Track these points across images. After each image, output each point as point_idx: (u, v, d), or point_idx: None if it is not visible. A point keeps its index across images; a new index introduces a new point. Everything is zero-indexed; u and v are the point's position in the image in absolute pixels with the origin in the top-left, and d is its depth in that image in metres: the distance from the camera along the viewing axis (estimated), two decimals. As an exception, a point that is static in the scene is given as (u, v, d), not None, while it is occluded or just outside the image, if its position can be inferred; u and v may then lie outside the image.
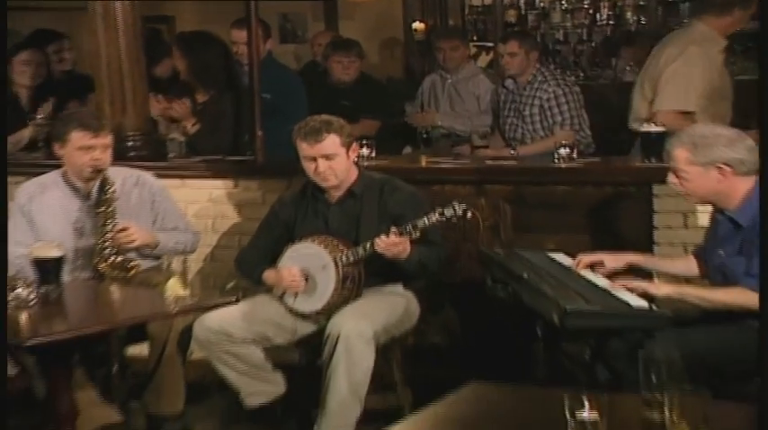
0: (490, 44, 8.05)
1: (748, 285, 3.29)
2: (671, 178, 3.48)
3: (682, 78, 4.83)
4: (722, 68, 4.93)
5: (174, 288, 3.66)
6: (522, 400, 2.73)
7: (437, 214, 3.81)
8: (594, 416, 2.28)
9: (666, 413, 2.26)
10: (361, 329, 3.79)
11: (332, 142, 3.98)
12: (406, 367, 4.10)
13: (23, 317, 3.41)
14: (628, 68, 7.87)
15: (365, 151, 4.63)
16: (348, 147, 4.03)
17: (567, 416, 2.30)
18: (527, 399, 2.72)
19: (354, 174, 4.12)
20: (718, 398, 2.34)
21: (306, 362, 4.21)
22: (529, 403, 2.70)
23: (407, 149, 6.24)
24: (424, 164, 5.02)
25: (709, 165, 3.35)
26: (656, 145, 4.29)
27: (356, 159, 4.19)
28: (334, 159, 3.99)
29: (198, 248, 4.61)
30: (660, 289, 3.45)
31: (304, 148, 4.00)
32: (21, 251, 4.03)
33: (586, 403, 2.30)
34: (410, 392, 4.04)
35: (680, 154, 3.41)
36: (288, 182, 4.52)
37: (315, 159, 3.98)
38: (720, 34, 4.90)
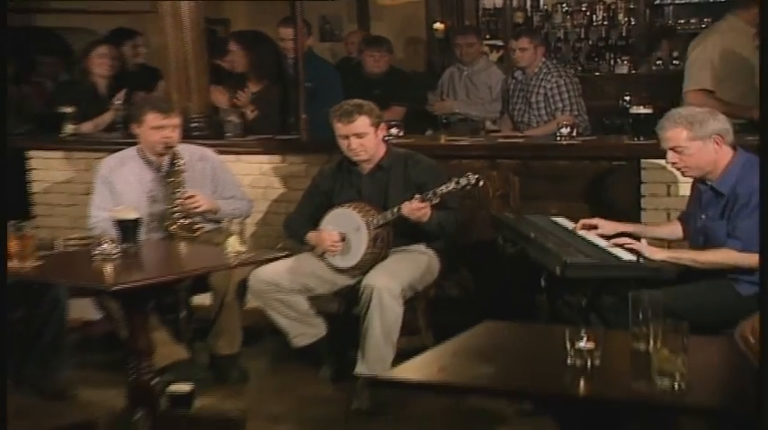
0: (500, 43, 8.03)
1: (732, 246, 3.32)
2: (671, 157, 3.43)
3: (700, 62, 4.75)
4: (753, 54, 4.62)
5: (233, 244, 3.69)
6: (528, 335, 2.78)
7: (454, 183, 3.84)
8: (591, 345, 2.32)
9: (651, 343, 2.29)
10: (390, 286, 3.82)
11: (362, 122, 4.00)
12: (428, 315, 4.11)
13: (108, 268, 3.45)
14: (618, 61, 7.92)
15: (394, 131, 4.63)
16: (377, 126, 4.05)
17: (568, 346, 2.33)
18: (533, 334, 2.77)
19: (383, 149, 4.13)
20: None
21: (343, 310, 4.25)
22: (534, 337, 2.74)
23: (429, 132, 6.25)
24: (443, 141, 5.00)
25: (707, 138, 3.34)
26: (644, 125, 4.29)
27: (385, 137, 4.19)
28: (364, 137, 4.01)
29: (251, 214, 4.63)
30: (657, 253, 3.41)
31: (339, 128, 4.03)
32: (103, 215, 4.11)
33: (584, 335, 2.34)
34: (432, 335, 4.05)
35: (679, 133, 3.37)
36: (328, 157, 4.50)
37: (348, 137, 4.01)
38: (750, 24, 4.70)
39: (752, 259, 3.24)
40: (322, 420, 3.81)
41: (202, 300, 4.33)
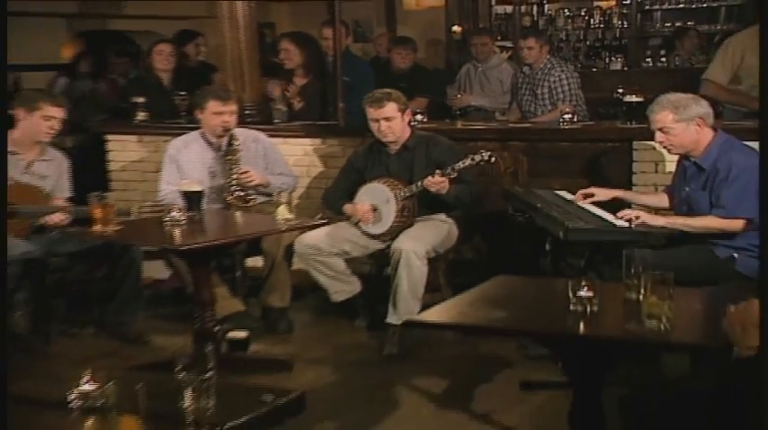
0: (510, 44, 7.99)
1: (717, 214, 3.34)
2: (659, 136, 3.42)
3: (716, 57, 4.73)
4: None
5: (282, 213, 3.71)
6: (536, 287, 2.78)
7: (469, 159, 3.86)
8: (590, 294, 2.33)
9: (641, 292, 2.30)
10: (416, 249, 3.85)
11: (390, 108, 4.01)
12: (448, 275, 4.13)
13: (177, 232, 3.48)
14: (612, 59, 7.88)
15: (419, 117, 4.62)
16: (403, 112, 4.06)
17: (570, 294, 2.34)
18: (540, 286, 2.77)
19: (408, 132, 4.14)
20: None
21: (375, 271, 4.29)
22: (541, 288, 2.74)
23: (447, 120, 6.23)
24: (460, 126, 5.00)
25: (689, 121, 3.34)
26: (635, 111, 4.28)
27: (410, 122, 4.19)
28: (392, 121, 4.02)
29: (296, 188, 4.62)
30: (656, 220, 3.41)
31: (370, 113, 4.05)
32: (171, 188, 4.16)
33: (584, 285, 2.35)
34: (451, 292, 4.00)
35: (666, 116, 3.36)
36: (361, 140, 4.53)
37: (378, 121, 4.03)
38: None
39: (733, 224, 3.31)
40: (357, 363, 3.84)
41: (255, 262, 4.36)
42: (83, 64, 6.80)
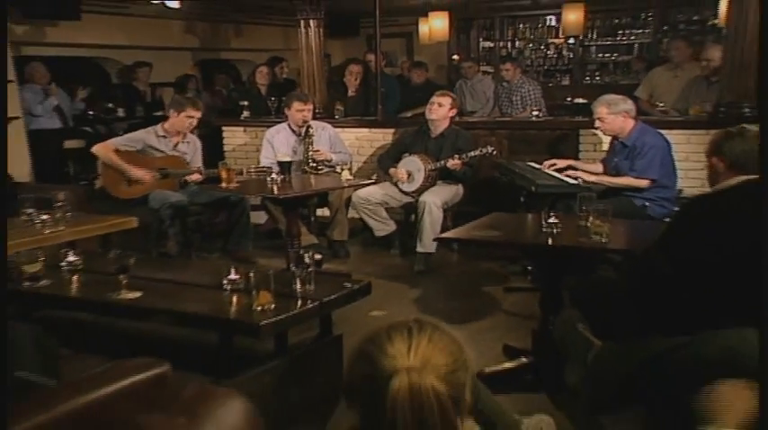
0: (491, 69, 8.02)
1: (631, 175, 3.42)
2: (597, 123, 3.49)
3: (642, 83, 4.92)
4: (673, 79, 4.75)
5: (345, 175, 3.86)
6: (519, 219, 2.87)
7: (479, 151, 3.93)
8: (556, 220, 2.45)
9: (590, 219, 2.39)
10: (435, 200, 3.92)
11: (446, 99, 4.11)
12: (454, 220, 4.12)
13: (275, 187, 3.57)
14: (563, 77, 7.89)
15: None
16: (450, 107, 4.11)
17: (542, 221, 2.47)
18: (522, 218, 2.84)
19: (447, 124, 4.16)
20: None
21: (405, 218, 4.36)
22: (522, 219, 2.83)
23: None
24: (460, 119, 5.01)
25: (617, 114, 3.42)
26: (581, 109, 4.41)
27: (453, 118, 4.18)
28: (441, 106, 4.09)
29: (351, 162, 4.66)
30: (590, 178, 3.52)
31: (433, 98, 4.15)
32: (268, 161, 4.22)
33: (552, 215, 2.48)
34: None
35: (602, 110, 3.44)
36: (394, 130, 4.60)
37: (434, 102, 4.11)
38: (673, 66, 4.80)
39: (641, 182, 3.39)
40: (395, 276, 3.93)
41: (323, 211, 4.45)
42: (191, 82, 6.93)
